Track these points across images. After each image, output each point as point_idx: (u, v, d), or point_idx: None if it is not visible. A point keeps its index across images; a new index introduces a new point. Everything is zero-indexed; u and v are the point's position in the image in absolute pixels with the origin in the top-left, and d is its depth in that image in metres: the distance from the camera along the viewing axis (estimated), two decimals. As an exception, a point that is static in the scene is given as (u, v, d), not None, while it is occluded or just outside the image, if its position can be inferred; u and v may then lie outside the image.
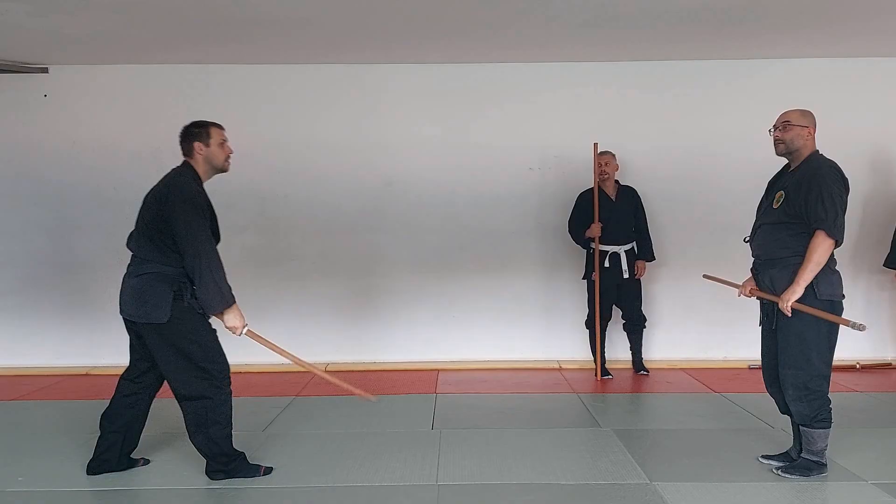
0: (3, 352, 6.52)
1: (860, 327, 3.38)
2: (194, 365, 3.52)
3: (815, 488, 3.56)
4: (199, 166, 3.68)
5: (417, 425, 4.69)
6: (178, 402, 3.60)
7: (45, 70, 6.47)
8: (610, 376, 6.03)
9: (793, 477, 3.65)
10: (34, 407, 5.30)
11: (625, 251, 5.95)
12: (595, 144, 5.94)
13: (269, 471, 3.78)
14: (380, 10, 4.99)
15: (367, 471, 3.81)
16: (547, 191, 6.55)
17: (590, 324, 6.10)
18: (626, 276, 5.92)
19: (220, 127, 3.72)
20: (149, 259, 3.52)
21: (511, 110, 6.54)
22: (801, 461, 3.73)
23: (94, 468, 3.73)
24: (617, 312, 6.16)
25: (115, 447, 3.71)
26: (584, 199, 6.03)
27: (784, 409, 3.83)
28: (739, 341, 6.34)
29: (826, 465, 3.70)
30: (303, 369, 6.26)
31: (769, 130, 3.80)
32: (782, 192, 3.66)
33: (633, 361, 6.16)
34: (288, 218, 6.57)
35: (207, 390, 3.54)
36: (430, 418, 4.85)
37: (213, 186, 3.78)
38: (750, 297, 3.86)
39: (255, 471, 3.73)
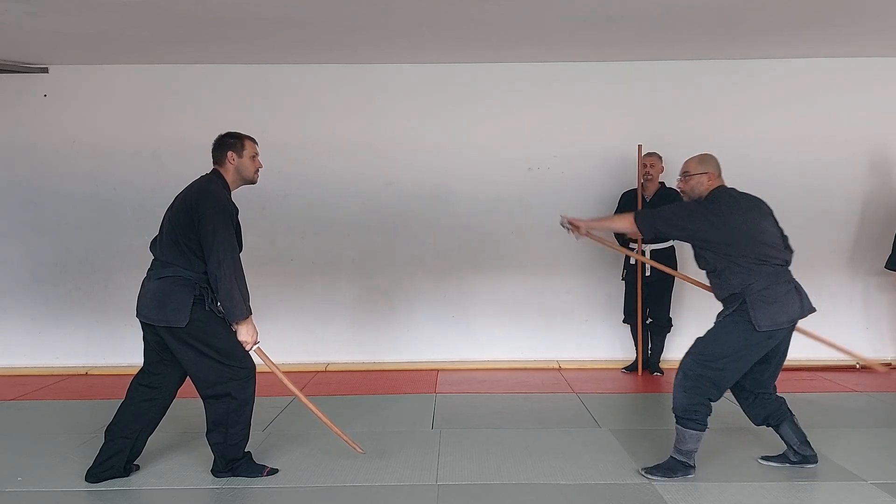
0: (2, 352, 6.51)
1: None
2: (218, 364, 3.53)
3: (815, 488, 3.56)
4: (229, 175, 3.73)
5: (417, 425, 4.69)
6: (203, 401, 3.61)
7: (45, 70, 6.47)
8: (626, 371, 6.25)
9: (654, 477, 3.62)
10: (34, 407, 5.29)
11: (650, 251, 5.94)
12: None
13: (273, 471, 3.77)
14: (379, 10, 4.99)
15: (367, 471, 3.80)
16: (546, 191, 6.54)
17: (627, 321, 6.26)
18: (647, 273, 5.96)
19: (254, 140, 3.79)
20: (171, 263, 3.54)
21: (510, 110, 6.54)
22: (668, 460, 3.67)
23: (97, 475, 3.64)
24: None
25: (123, 454, 3.66)
26: (624, 198, 6.13)
27: (757, 422, 3.81)
28: (739, 341, 6.35)
29: (693, 467, 3.63)
30: (304, 370, 6.34)
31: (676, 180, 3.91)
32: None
33: (650, 362, 6.18)
34: (288, 218, 6.57)
35: (233, 389, 3.55)
36: (430, 418, 4.85)
37: (213, 186, 3.77)
38: None
39: (258, 471, 3.72)
